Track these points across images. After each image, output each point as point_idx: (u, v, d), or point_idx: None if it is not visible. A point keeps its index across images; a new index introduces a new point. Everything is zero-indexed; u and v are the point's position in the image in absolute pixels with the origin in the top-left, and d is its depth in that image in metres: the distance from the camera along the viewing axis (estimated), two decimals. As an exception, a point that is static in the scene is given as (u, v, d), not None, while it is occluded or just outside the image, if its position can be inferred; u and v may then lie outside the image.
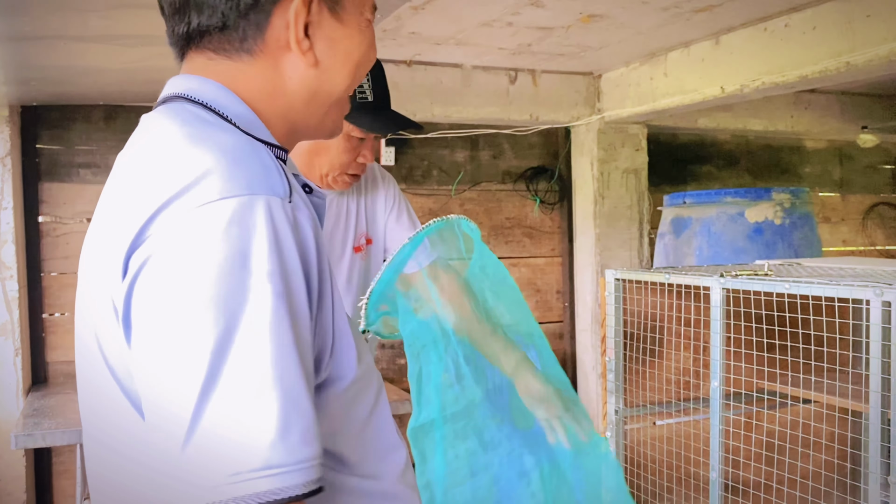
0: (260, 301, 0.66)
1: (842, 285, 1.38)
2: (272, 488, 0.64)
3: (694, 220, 3.26)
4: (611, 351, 1.88)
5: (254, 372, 0.65)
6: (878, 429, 1.32)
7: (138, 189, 0.72)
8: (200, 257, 0.66)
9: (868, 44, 2.44)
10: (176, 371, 0.65)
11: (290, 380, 0.67)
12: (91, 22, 2.09)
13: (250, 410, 0.65)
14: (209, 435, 0.64)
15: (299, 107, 0.86)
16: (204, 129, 0.76)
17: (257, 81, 0.83)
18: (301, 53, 0.83)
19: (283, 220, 0.69)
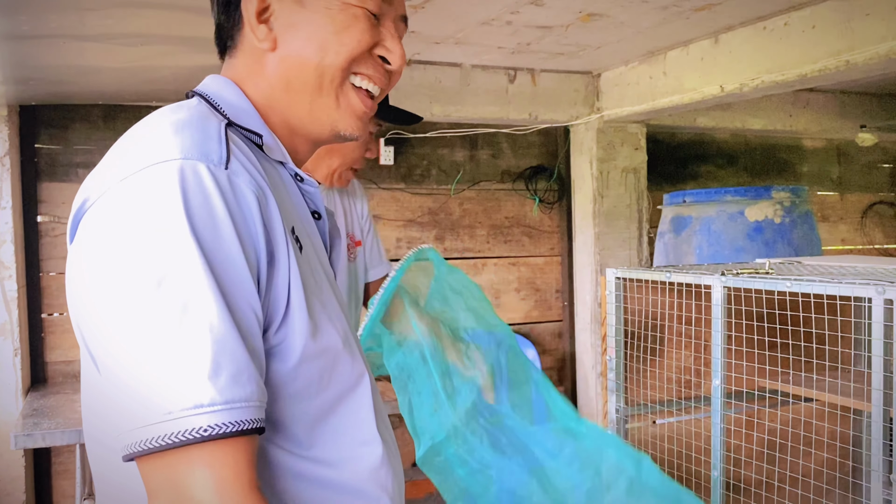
0: (184, 256, 0.70)
1: (843, 283, 1.37)
2: (203, 425, 0.67)
3: (694, 218, 3.26)
4: (611, 350, 1.88)
5: (182, 319, 0.69)
6: (880, 427, 1.32)
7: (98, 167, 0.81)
8: (128, 220, 0.71)
9: (867, 42, 2.44)
10: (111, 325, 0.70)
11: (218, 326, 0.70)
12: (89, 21, 2.08)
13: (180, 353, 0.68)
14: (143, 378, 0.68)
15: (280, 96, 0.89)
16: (169, 113, 0.81)
17: (243, 75, 0.90)
18: (258, 40, 0.88)
19: (211, 182, 0.73)
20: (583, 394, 4.00)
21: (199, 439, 0.67)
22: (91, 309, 0.73)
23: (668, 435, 1.84)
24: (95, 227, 0.73)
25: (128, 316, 0.69)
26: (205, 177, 0.73)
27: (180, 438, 0.66)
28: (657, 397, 1.89)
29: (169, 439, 0.66)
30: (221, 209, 0.73)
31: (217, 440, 0.67)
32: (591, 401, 3.91)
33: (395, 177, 3.69)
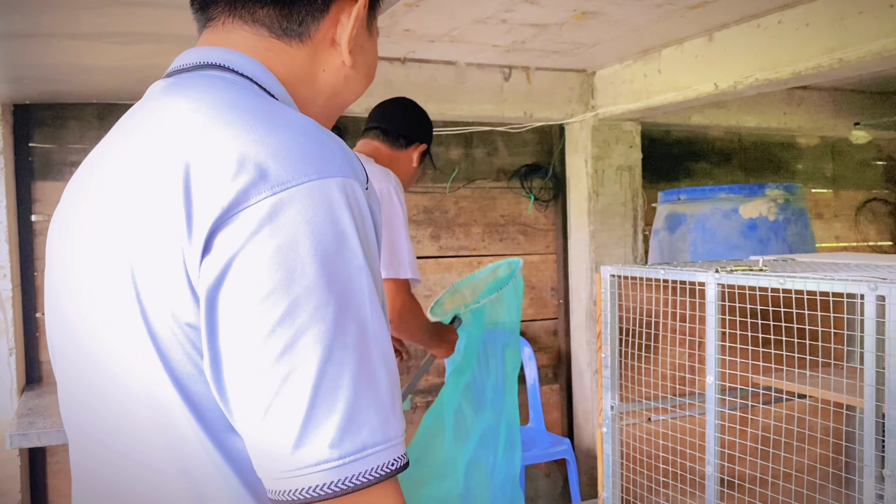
0: (361, 281, 0.67)
1: (836, 280, 1.38)
2: (391, 459, 0.66)
3: (688, 216, 3.27)
4: (606, 347, 1.88)
5: (364, 349, 0.66)
6: (872, 422, 1.32)
7: (211, 159, 0.67)
8: (310, 237, 0.65)
9: (860, 40, 2.45)
10: (290, 352, 0.64)
11: (389, 354, 0.69)
12: (83, 19, 2.08)
13: (368, 388, 0.66)
14: (333, 413, 0.64)
15: (321, 101, 0.88)
16: (274, 105, 0.75)
17: (296, 67, 0.84)
18: (348, 52, 0.86)
19: (366, 205, 0.71)
20: (578, 391, 4.01)
21: (387, 475, 0.66)
22: (248, 329, 0.65)
23: (662, 431, 1.84)
24: (261, 243, 0.65)
25: (313, 340, 0.64)
26: (361, 198, 0.70)
27: (374, 476, 0.65)
28: (652, 394, 1.89)
29: (363, 478, 0.65)
30: (372, 231, 0.71)
31: (395, 475, 0.67)
32: (586, 398, 3.92)
33: (390, 175, 3.68)
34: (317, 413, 0.63)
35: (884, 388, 1.29)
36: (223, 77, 0.79)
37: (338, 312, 0.65)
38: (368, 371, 0.66)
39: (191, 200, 0.66)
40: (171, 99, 0.77)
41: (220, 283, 0.65)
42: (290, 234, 0.64)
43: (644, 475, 1.86)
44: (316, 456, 0.63)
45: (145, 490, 0.74)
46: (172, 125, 0.73)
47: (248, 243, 0.64)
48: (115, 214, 0.73)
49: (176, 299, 0.67)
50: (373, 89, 3.28)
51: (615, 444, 1.90)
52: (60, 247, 0.83)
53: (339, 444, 0.64)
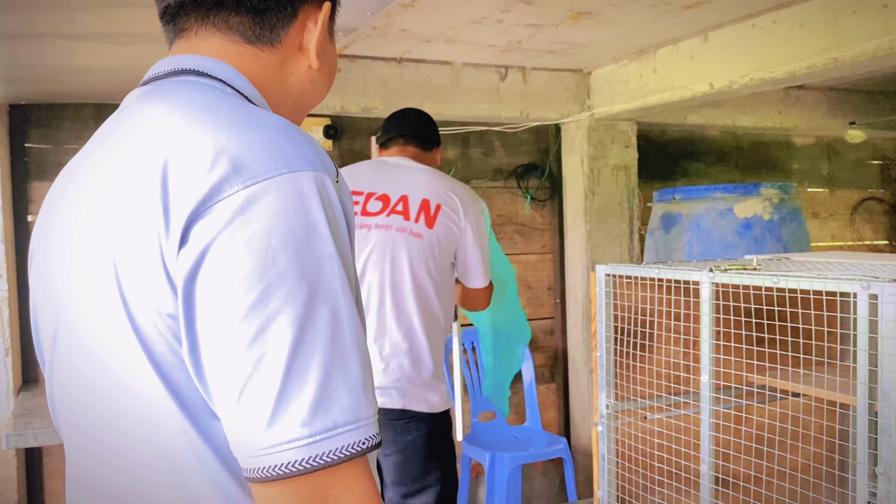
0: (332, 268, 0.70)
1: (829, 279, 1.39)
2: (361, 438, 0.69)
3: (683, 215, 3.28)
4: (601, 346, 1.89)
5: (336, 333, 0.69)
6: (865, 420, 1.33)
7: (186, 155, 0.70)
8: (281, 227, 0.68)
9: (854, 40, 2.46)
10: (263, 336, 0.66)
11: (361, 338, 0.72)
12: (80, 20, 2.08)
13: (339, 369, 0.68)
14: (304, 393, 0.67)
15: (289, 103, 0.92)
16: (246, 105, 0.78)
17: (267, 71, 0.88)
18: (315, 56, 0.90)
19: (336, 196, 0.73)
20: (574, 390, 4.01)
21: (357, 454, 0.68)
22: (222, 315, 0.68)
23: (657, 430, 1.85)
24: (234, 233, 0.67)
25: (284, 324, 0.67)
26: (331, 191, 0.73)
27: (344, 454, 0.67)
28: (647, 393, 1.90)
29: (332, 456, 0.67)
30: (343, 222, 0.74)
31: (365, 454, 0.70)
32: (583, 397, 3.93)
33: (386, 175, 3.69)
34: (288, 393, 0.66)
35: (877, 386, 1.30)
36: (198, 81, 0.82)
37: (309, 298, 0.68)
38: (340, 353, 0.69)
39: (168, 195, 0.69)
40: (148, 104, 0.80)
41: (196, 273, 0.68)
42: (263, 225, 0.67)
43: (640, 474, 1.87)
44: (288, 434, 0.66)
45: (131, 483, 0.77)
46: (149, 127, 0.76)
47: (222, 234, 0.67)
48: (97, 215, 0.76)
49: (156, 291, 0.70)
50: (369, 89, 3.29)
51: (611, 442, 1.91)
52: (45, 249, 0.86)
53: (310, 422, 0.66)
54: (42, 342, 0.89)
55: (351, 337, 0.70)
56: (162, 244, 0.69)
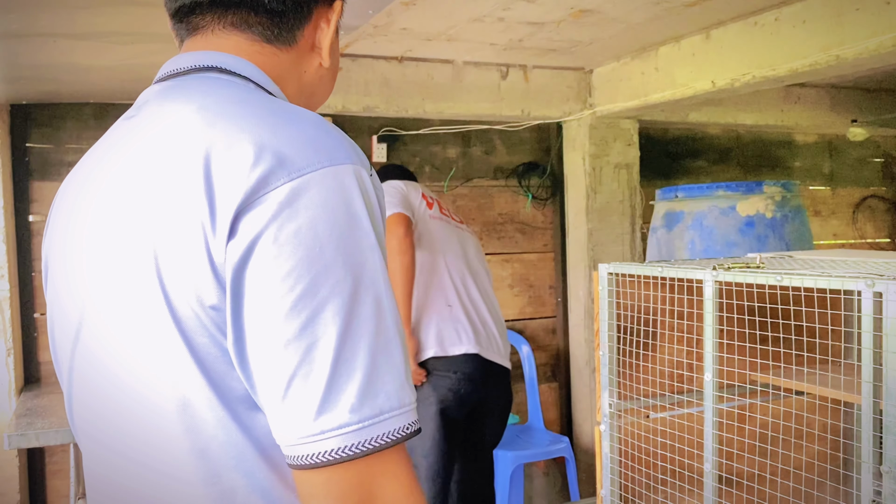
0: (375, 258, 0.72)
1: (833, 277, 1.38)
2: (404, 424, 0.71)
3: (686, 213, 3.27)
4: (604, 345, 1.88)
5: (380, 321, 0.71)
6: (869, 419, 1.32)
7: (228, 149, 0.71)
8: (326, 219, 0.69)
9: (857, 37, 2.45)
10: (313, 325, 0.68)
11: (401, 327, 0.73)
12: (80, 19, 2.08)
13: (384, 356, 0.70)
14: (353, 380, 0.68)
15: (302, 101, 0.93)
16: (279, 101, 0.80)
17: (283, 69, 0.89)
18: (328, 55, 0.92)
19: (373, 189, 0.75)
20: (577, 389, 4.01)
21: (401, 438, 0.70)
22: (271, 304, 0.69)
23: (660, 429, 1.85)
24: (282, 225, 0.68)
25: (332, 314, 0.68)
26: (368, 183, 0.75)
27: (390, 439, 0.69)
28: (650, 392, 1.89)
29: (380, 441, 0.69)
30: (379, 214, 0.76)
31: (405, 440, 0.71)
32: (585, 396, 3.92)
33: (388, 174, 3.68)
34: (338, 380, 0.68)
35: (881, 384, 1.29)
36: (221, 78, 0.82)
37: (354, 287, 0.69)
38: (384, 340, 0.71)
39: (212, 189, 0.70)
40: (173, 100, 0.79)
41: (245, 264, 0.69)
42: (309, 216, 0.69)
43: (642, 472, 1.87)
44: (338, 420, 0.67)
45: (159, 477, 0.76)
46: (183, 123, 0.75)
47: (270, 225, 0.68)
48: (133, 211, 0.75)
49: (200, 283, 0.71)
50: (370, 88, 3.29)
51: (613, 441, 1.90)
52: (64, 250, 0.85)
53: (358, 408, 0.68)
54: (60, 346, 0.87)
55: (393, 324, 0.72)
56: (208, 237, 0.69)
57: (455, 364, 2.60)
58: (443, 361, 2.60)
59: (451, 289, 2.67)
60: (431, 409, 2.57)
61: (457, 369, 2.60)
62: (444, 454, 2.57)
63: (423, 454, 2.56)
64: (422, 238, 2.67)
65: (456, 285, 2.69)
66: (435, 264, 2.67)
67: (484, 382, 2.65)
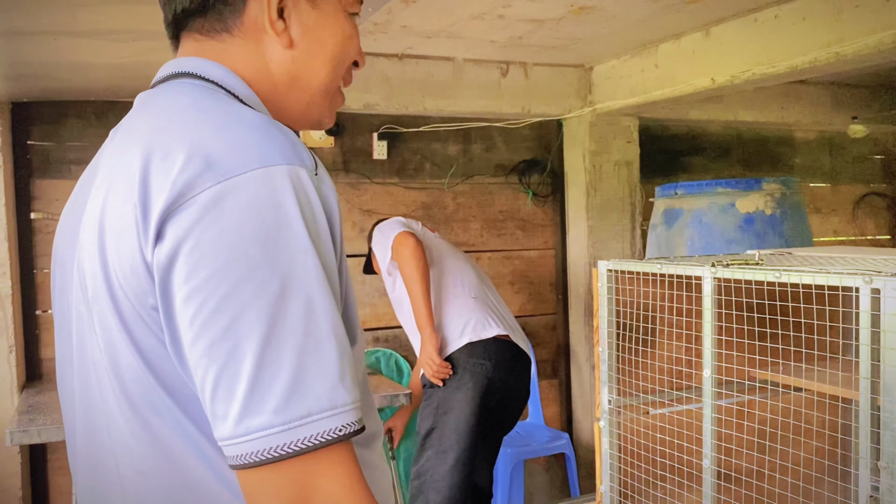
0: (307, 259, 0.71)
1: (831, 273, 1.39)
2: (338, 425, 0.69)
3: (685, 210, 3.28)
4: (603, 342, 1.89)
5: (310, 322, 0.70)
6: (867, 415, 1.33)
7: (164, 154, 0.72)
8: (252, 221, 0.69)
9: (857, 34, 2.45)
10: (235, 327, 0.68)
11: (338, 328, 0.72)
12: (81, 17, 2.08)
13: (314, 357, 0.69)
14: (278, 381, 0.68)
15: (283, 90, 0.90)
16: (228, 104, 0.80)
17: (241, 61, 0.88)
18: (276, 35, 0.87)
19: (313, 189, 0.74)
20: (577, 386, 4.02)
21: (334, 440, 0.69)
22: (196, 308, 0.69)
23: (660, 425, 1.85)
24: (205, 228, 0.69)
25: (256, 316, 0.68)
26: (307, 183, 0.74)
27: (318, 441, 0.68)
28: (649, 388, 1.90)
29: (307, 443, 0.68)
30: (322, 216, 0.74)
31: (344, 441, 0.70)
32: (585, 393, 3.93)
33: (388, 171, 3.69)
34: (262, 381, 0.68)
35: (879, 380, 1.30)
36: (189, 83, 0.85)
37: (281, 289, 0.69)
38: (315, 342, 0.70)
39: (146, 194, 0.71)
40: (146, 106, 0.85)
41: (172, 267, 0.70)
42: (234, 219, 0.69)
43: (642, 469, 1.87)
44: (262, 421, 0.67)
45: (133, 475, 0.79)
46: (140, 129, 0.79)
47: (194, 229, 0.69)
48: (98, 214, 0.78)
49: (139, 286, 0.73)
50: (370, 85, 3.29)
51: (613, 437, 1.91)
52: (63, 252, 0.89)
53: (283, 410, 0.68)
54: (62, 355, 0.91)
55: (327, 326, 0.71)
56: (141, 240, 0.71)
57: (490, 349, 2.69)
58: (479, 347, 2.68)
59: (471, 285, 2.83)
60: (469, 394, 2.64)
61: (492, 356, 2.69)
62: (475, 440, 2.63)
63: (457, 439, 2.62)
64: (431, 250, 2.84)
65: (474, 282, 2.84)
66: (450, 267, 2.83)
67: (514, 369, 2.76)
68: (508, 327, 2.79)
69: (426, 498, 2.62)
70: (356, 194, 3.62)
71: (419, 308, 2.66)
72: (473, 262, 3.01)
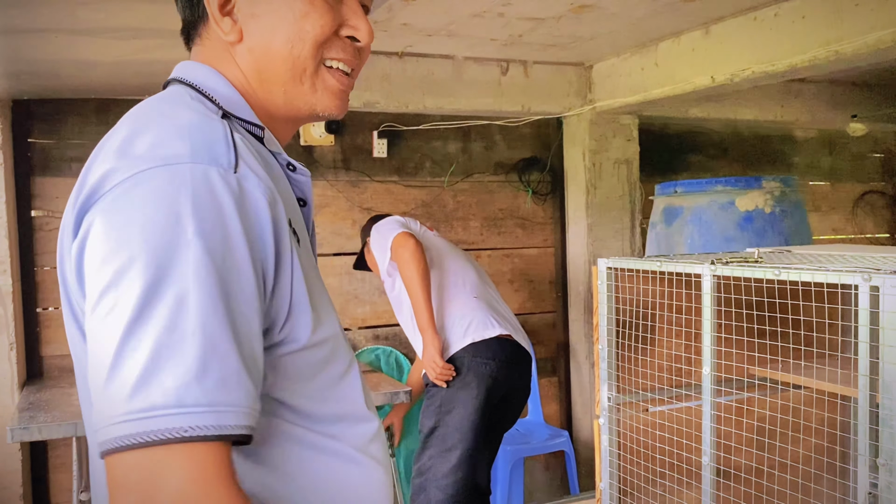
0: (187, 255, 0.70)
1: (830, 271, 1.39)
2: (183, 425, 0.67)
3: (685, 209, 3.28)
4: (603, 339, 1.89)
5: (177, 318, 0.69)
6: (866, 412, 1.34)
7: (97, 158, 0.79)
8: (142, 214, 0.71)
9: (856, 32, 2.45)
10: (109, 316, 0.70)
11: (212, 329, 0.70)
12: (81, 15, 2.08)
13: (170, 352, 0.68)
14: (130, 372, 0.68)
15: (256, 86, 0.90)
16: (171, 107, 0.82)
17: (221, 64, 0.90)
18: (223, 32, 0.88)
19: (221, 187, 0.74)
20: (576, 383, 4.02)
21: (178, 439, 0.67)
22: (90, 297, 0.73)
23: (659, 422, 1.86)
24: (102, 221, 0.73)
25: (127, 303, 0.69)
26: (215, 181, 0.74)
27: (159, 437, 0.67)
28: (649, 385, 1.91)
29: (147, 437, 0.66)
30: (231, 214, 0.73)
31: (196, 441, 0.68)
32: (584, 390, 3.94)
33: (388, 169, 3.70)
34: (117, 372, 0.68)
35: (878, 377, 1.31)
36: (173, 89, 0.89)
37: (153, 282, 0.69)
38: (177, 337, 0.69)
39: (79, 193, 0.78)
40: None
41: (81, 259, 0.75)
42: (126, 214, 0.72)
43: (641, 466, 1.88)
44: (112, 410, 0.68)
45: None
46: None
47: (95, 223, 0.73)
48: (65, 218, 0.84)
49: (77, 282, 0.78)
50: (371, 84, 3.29)
51: (612, 435, 1.91)
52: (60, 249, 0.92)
53: (130, 400, 0.67)
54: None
55: (195, 324, 0.69)
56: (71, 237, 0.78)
57: (493, 348, 2.70)
58: (482, 347, 2.69)
59: (472, 284, 2.83)
60: (472, 392, 2.65)
61: (495, 355, 2.70)
62: (479, 439, 2.64)
63: (461, 438, 2.63)
64: (430, 250, 2.83)
65: (475, 281, 2.84)
66: (450, 267, 2.83)
67: (516, 368, 2.77)
68: (510, 326, 2.80)
69: (428, 496, 2.63)
70: (356, 192, 3.62)
71: (420, 310, 2.66)
72: (473, 261, 3.00)
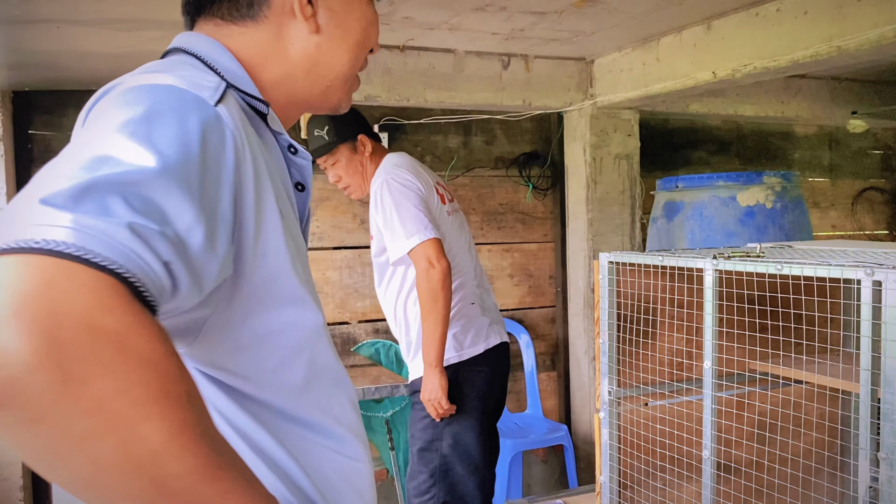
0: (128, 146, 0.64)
1: (833, 266, 1.39)
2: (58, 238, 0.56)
3: (686, 204, 3.28)
4: (604, 333, 1.90)
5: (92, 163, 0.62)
6: (867, 406, 1.34)
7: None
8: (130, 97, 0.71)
9: (858, 28, 2.45)
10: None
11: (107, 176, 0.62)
12: (82, 6, 2.08)
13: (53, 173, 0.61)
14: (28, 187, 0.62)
15: (299, 74, 0.91)
16: (170, 65, 0.81)
17: (259, 46, 0.89)
18: (304, 19, 0.89)
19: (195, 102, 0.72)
20: (576, 378, 4.03)
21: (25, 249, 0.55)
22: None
23: (660, 416, 1.86)
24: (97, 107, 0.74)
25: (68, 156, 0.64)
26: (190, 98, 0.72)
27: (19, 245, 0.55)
28: (649, 380, 1.91)
29: (14, 243, 0.55)
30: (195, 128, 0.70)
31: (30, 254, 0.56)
32: (583, 385, 3.94)
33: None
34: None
35: (879, 372, 1.31)
36: (172, 57, 0.88)
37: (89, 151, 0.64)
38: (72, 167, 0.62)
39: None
40: None
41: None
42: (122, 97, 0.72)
43: (641, 460, 1.88)
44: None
45: None
46: None
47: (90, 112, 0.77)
48: None
49: None
50: (372, 77, 3.29)
51: (613, 429, 1.92)
52: None
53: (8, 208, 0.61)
54: None
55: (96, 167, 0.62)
56: None
57: (488, 357, 2.61)
58: (481, 358, 2.61)
59: (472, 286, 2.68)
60: (473, 403, 2.56)
61: (489, 362, 2.61)
62: (485, 443, 2.60)
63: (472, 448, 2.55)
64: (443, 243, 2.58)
65: (473, 286, 2.69)
66: (456, 268, 2.62)
67: (505, 366, 2.72)
68: (500, 328, 2.72)
69: None
70: (356, 186, 3.62)
71: (432, 344, 2.44)
72: (474, 253, 2.84)
